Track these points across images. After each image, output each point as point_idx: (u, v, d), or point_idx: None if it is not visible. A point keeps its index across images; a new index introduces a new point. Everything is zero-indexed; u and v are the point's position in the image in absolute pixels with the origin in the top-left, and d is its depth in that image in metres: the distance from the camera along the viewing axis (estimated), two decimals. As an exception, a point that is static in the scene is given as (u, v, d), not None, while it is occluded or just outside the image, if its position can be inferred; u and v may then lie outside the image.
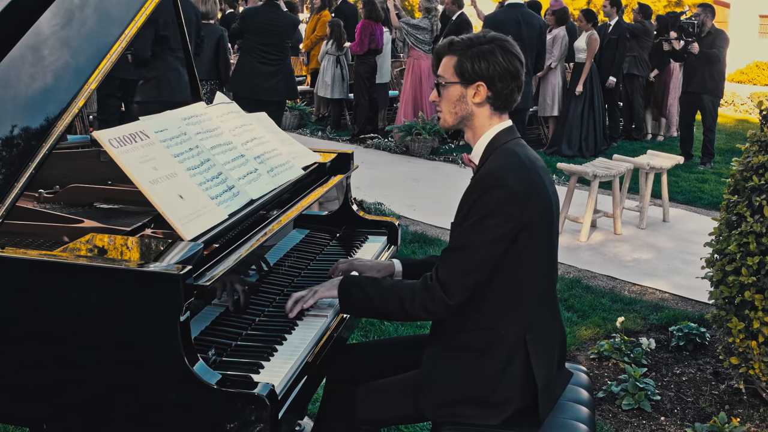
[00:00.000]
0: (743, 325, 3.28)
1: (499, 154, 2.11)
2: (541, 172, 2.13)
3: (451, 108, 2.15)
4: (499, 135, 2.15)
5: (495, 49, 2.09)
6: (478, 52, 2.09)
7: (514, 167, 2.06)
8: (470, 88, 2.12)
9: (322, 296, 2.23)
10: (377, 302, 2.13)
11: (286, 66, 6.94)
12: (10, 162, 1.94)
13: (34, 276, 1.82)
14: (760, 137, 3.41)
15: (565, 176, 7.44)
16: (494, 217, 2.01)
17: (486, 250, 2.02)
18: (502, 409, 2.09)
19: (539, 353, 2.11)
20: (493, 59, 2.08)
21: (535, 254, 2.09)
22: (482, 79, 2.10)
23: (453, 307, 2.05)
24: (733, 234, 3.34)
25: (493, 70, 2.08)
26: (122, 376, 1.80)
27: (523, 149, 2.14)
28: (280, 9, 6.80)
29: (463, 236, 2.05)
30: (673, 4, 22.41)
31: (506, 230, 2.01)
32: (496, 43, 2.11)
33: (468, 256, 2.03)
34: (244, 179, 2.32)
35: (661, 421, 3.39)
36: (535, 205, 2.05)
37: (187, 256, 1.83)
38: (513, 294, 2.09)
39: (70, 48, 2.10)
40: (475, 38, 2.13)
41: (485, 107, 2.14)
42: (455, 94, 2.14)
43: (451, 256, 2.07)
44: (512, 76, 2.10)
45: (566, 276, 5.22)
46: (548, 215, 2.11)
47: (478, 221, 2.02)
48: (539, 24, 7.14)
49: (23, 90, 2.04)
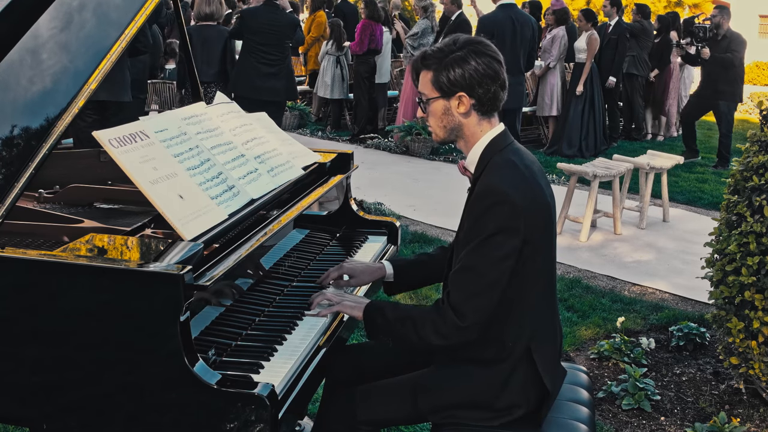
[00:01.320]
0: (743, 325, 3.28)
1: (497, 165, 2.06)
2: (540, 178, 2.10)
3: (439, 122, 2.11)
4: (493, 142, 2.11)
5: (467, 55, 2.03)
6: (451, 61, 2.03)
7: (516, 180, 2.02)
8: (452, 99, 2.06)
9: (345, 312, 2.24)
10: (396, 327, 2.11)
11: (287, 66, 6.93)
12: (10, 162, 1.94)
13: (34, 276, 1.82)
14: (760, 137, 3.41)
15: (565, 176, 7.44)
16: (500, 234, 1.97)
17: (495, 268, 1.98)
18: (507, 413, 2.10)
19: (544, 359, 2.11)
20: (467, 66, 2.02)
21: (538, 264, 2.07)
22: (461, 89, 2.04)
23: (466, 330, 2.00)
24: (733, 234, 3.34)
25: (470, 78, 2.03)
26: (122, 376, 1.80)
27: (519, 156, 2.10)
28: (279, 9, 6.79)
29: (471, 257, 2.00)
30: (673, 4, 22.41)
31: (513, 246, 1.98)
32: (467, 48, 2.04)
33: (478, 277, 1.99)
34: (244, 179, 2.32)
35: (661, 421, 3.39)
36: (538, 218, 2.03)
37: (187, 256, 1.83)
38: (518, 305, 2.07)
39: (69, 51, 2.10)
40: (446, 47, 2.06)
41: (472, 115, 2.09)
42: (439, 108, 2.09)
43: (460, 278, 2.02)
44: (491, 78, 2.04)
45: (566, 276, 5.22)
46: (549, 223, 2.10)
47: (485, 240, 1.98)
48: (532, 23, 7.19)
49: (22, 92, 2.04)
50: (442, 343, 2.05)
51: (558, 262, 5.47)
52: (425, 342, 2.06)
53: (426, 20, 9.56)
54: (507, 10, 6.96)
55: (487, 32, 6.91)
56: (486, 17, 7.20)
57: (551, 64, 9.54)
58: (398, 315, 2.11)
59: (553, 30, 9.67)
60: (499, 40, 6.88)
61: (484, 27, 6.98)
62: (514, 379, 2.09)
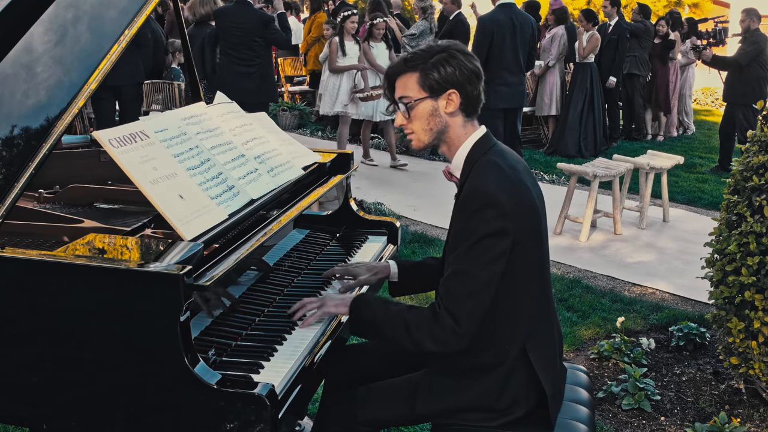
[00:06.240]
0: (743, 325, 3.28)
1: (482, 167, 2.05)
2: (526, 179, 2.09)
3: (425, 125, 2.09)
4: (477, 145, 2.10)
5: (454, 54, 2.05)
6: (440, 59, 2.04)
7: (501, 182, 2.01)
8: (441, 99, 2.06)
9: (332, 312, 2.22)
10: (385, 327, 2.09)
11: (261, 67, 6.77)
12: (10, 162, 1.94)
13: (34, 276, 1.82)
14: (760, 137, 3.41)
15: (565, 176, 7.44)
16: (489, 237, 1.96)
17: (486, 271, 1.97)
18: (508, 413, 2.09)
19: (542, 359, 2.10)
20: (457, 63, 2.04)
21: (529, 265, 2.06)
22: (453, 86, 2.05)
23: (462, 336, 1.99)
24: (733, 234, 3.34)
25: (461, 74, 2.04)
26: (122, 376, 1.80)
27: (504, 158, 2.09)
28: (249, 7, 6.65)
29: (460, 262, 1.99)
30: (673, 4, 22.41)
31: (503, 248, 1.97)
32: (452, 48, 2.07)
33: (469, 281, 1.97)
34: (244, 179, 2.32)
35: (661, 421, 3.39)
36: (525, 219, 2.02)
37: (187, 256, 1.83)
38: (511, 308, 2.06)
39: (66, 50, 2.10)
40: (429, 49, 2.07)
41: (458, 116, 2.09)
42: (426, 109, 2.07)
43: (451, 283, 2.00)
44: (477, 76, 2.07)
45: (566, 276, 5.21)
46: (537, 224, 2.09)
47: (474, 244, 1.97)
48: (531, 23, 7.19)
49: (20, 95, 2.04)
50: (439, 349, 2.01)
51: (558, 262, 5.50)
52: (418, 347, 2.03)
53: (425, 21, 9.55)
54: (507, 10, 6.96)
55: (487, 32, 6.89)
56: (485, 17, 7.19)
57: (550, 63, 9.54)
58: (390, 315, 2.08)
59: (552, 29, 9.67)
60: (498, 40, 6.87)
61: (484, 26, 6.98)
62: (513, 380, 2.08)
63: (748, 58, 8.11)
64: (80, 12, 2.15)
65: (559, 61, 9.67)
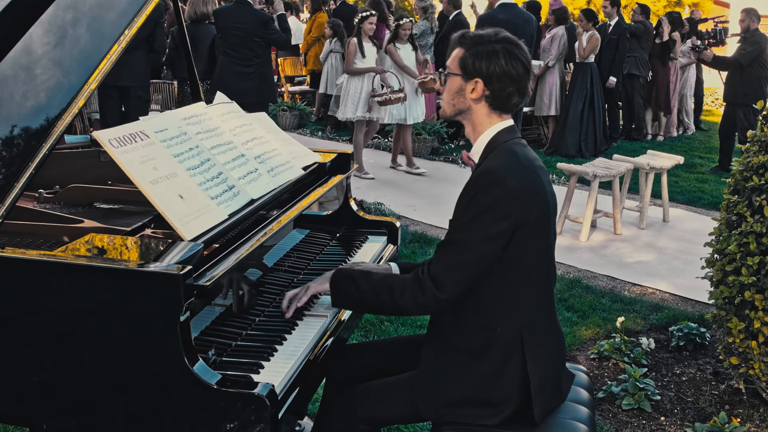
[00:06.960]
0: (743, 325, 3.28)
1: (498, 153, 2.11)
2: (540, 172, 2.13)
3: (450, 99, 2.18)
4: (499, 134, 2.15)
5: (500, 51, 2.10)
6: (483, 50, 2.10)
7: (513, 166, 2.07)
8: (469, 83, 2.13)
9: (315, 291, 2.24)
10: (369, 295, 2.14)
11: (260, 67, 6.76)
12: (10, 162, 1.94)
13: (34, 276, 1.82)
14: (760, 137, 3.41)
15: (565, 176, 7.44)
16: (491, 213, 2.01)
17: (481, 246, 2.02)
18: (501, 409, 2.09)
19: (535, 353, 2.11)
20: (495, 60, 2.09)
21: (532, 254, 2.09)
22: (480, 77, 2.11)
23: (445, 302, 2.05)
24: (733, 234, 3.34)
25: (492, 70, 2.09)
26: (122, 376, 1.80)
27: (523, 149, 2.15)
28: (249, 7, 6.63)
29: (459, 231, 2.05)
30: (673, 4, 22.40)
31: (503, 228, 2.01)
32: (503, 44, 2.11)
33: (462, 251, 2.03)
34: (245, 179, 2.32)
35: (661, 421, 3.39)
36: (532, 205, 2.05)
37: (187, 256, 1.83)
38: (509, 293, 2.09)
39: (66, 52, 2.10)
40: (486, 36, 2.13)
41: (482, 104, 2.15)
42: (455, 85, 2.16)
43: (445, 250, 2.07)
44: (512, 78, 2.11)
45: (566, 276, 5.21)
46: (545, 215, 2.11)
47: (475, 217, 2.02)
48: (532, 23, 7.18)
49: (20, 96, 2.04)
50: (421, 312, 2.15)
51: (558, 262, 5.49)
52: (403, 311, 2.13)
53: (426, 21, 9.55)
54: (507, 10, 6.95)
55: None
56: (485, 16, 7.19)
57: (550, 63, 9.53)
58: (372, 283, 2.14)
59: (552, 29, 9.67)
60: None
61: (483, 26, 6.97)
62: (507, 370, 2.09)
63: (749, 58, 8.11)
64: (79, 13, 2.16)
65: (559, 61, 9.66)
